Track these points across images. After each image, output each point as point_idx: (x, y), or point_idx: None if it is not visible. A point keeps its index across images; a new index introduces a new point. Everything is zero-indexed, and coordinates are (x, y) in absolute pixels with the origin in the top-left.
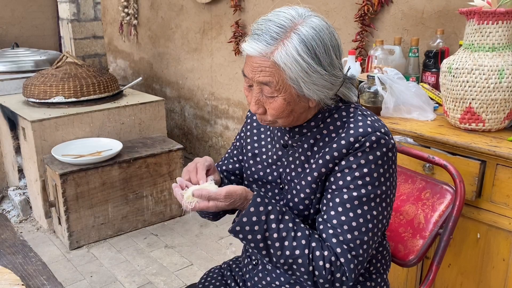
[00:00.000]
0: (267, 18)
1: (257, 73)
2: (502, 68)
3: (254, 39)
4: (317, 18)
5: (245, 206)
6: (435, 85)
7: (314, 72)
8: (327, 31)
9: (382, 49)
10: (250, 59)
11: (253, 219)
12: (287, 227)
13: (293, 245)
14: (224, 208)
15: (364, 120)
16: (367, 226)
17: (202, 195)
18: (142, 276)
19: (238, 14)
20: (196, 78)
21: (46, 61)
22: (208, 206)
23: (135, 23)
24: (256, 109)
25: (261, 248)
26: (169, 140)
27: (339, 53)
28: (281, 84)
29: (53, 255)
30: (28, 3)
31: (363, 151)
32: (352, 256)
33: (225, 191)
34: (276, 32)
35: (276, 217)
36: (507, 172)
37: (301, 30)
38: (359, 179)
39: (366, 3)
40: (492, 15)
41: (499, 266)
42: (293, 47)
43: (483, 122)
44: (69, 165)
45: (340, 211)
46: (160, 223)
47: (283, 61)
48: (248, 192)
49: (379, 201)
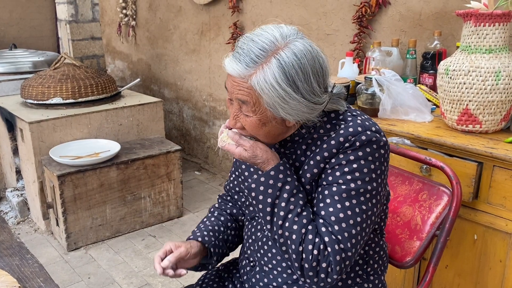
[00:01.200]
0: (250, 37)
1: (236, 90)
2: (499, 70)
3: (235, 58)
4: (301, 41)
5: (267, 168)
6: (433, 86)
7: (292, 99)
8: (310, 56)
9: (379, 51)
10: (231, 76)
11: (269, 181)
12: (296, 203)
13: (294, 220)
14: (247, 159)
15: (354, 120)
16: (355, 219)
17: (234, 137)
18: (140, 278)
19: (236, 16)
20: (194, 79)
21: (44, 62)
22: (234, 151)
23: (133, 24)
24: (233, 124)
25: (267, 212)
26: (167, 141)
27: (324, 78)
28: (258, 106)
29: (51, 257)
30: (26, 4)
31: (353, 149)
32: (340, 248)
33: (253, 143)
34: (257, 55)
35: (291, 189)
36: (504, 173)
37: (282, 56)
38: (349, 174)
39: (364, 4)
40: (489, 17)
41: (496, 267)
42: (271, 73)
43: (480, 123)
44: (67, 166)
45: (328, 203)
46: (158, 225)
47: (260, 87)
48: (272, 156)
49: (369, 196)
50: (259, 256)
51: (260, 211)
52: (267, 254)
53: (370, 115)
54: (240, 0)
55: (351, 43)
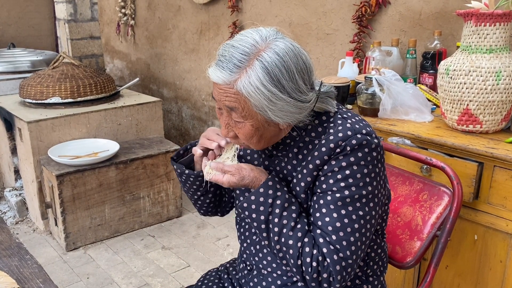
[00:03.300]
0: (230, 44)
1: (223, 97)
2: (499, 70)
3: (218, 66)
4: (282, 41)
5: (256, 185)
6: (433, 86)
7: (279, 100)
8: (292, 53)
9: (379, 51)
10: (216, 84)
11: (260, 199)
12: (290, 217)
13: (289, 234)
14: (236, 183)
15: (344, 123)
16: (352, 226)
17: (218, 167)
18: (139, 278)
19: (236, 15)
20: (193, 78)
21: (42, 62)
22: (223, 180)
23: (132, 24)
24: (226, 133)
25: (263, 229)
26: (166, 141)
27: (309, 75)
28: (247, 111)
29: (50, 257)
30: (24, 3)
31: (345, 155)
32: (340, 257)
33: (236, 166)
34: (239, 59)
35: (282, 203)
36: (504, 173)
37: (264, 57)
38: (342, 181)
39: (364, 4)
40: (489, 17)
41: (497, 267)
42: (255, 76)
43: (481, 123)
44: (66, 166)
45: (324, 212)
46: (157, 224)
47: (246, 90)
48: (259, 173)
49: (365, 201)
50: (257, 260)
51: (255, 228)
52: (266, 257)
53: (370, 115)
54: (239, 0)
55: (351, 42)
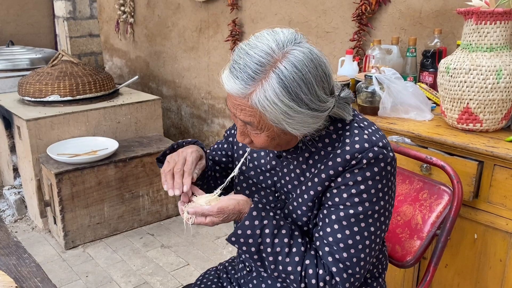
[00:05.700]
0: (245, 50)
1: (238, 111)
2: (500, 68)
3: (232, 75)
4: (299, 50)
5: (242, 217)
6: (433, 85)
7: (297, 113)
8: (312, 64)
9: (379, 49)
10: (231, 95)
11: (247, 232)
12: (282, 243)
13: (286, 261)
14: (220, 223)
15: (361, 134)
16: (363, 243)
17: (197, 212)
18: (138, 276)
19: (235, 13)
20: (192, 77)
21: (41, 59)
22: (206, 222)
23: (132, 21)
24: (242, 140)
25: (256, 260)
26: (165, 139)
27: (328, 82)
28: (263, 124)
29: (48, 255)
30: (23, 1)
31: (360, 168)
32: (348, 274)
33: (217, 208)
34: (254, 70)
35: (271, 231)
36: (505, 172)
37: (281, 69)
38: (356, 196)
39: (364, 2)
40: (490, 15)
41: (496, 266)
42: (272, 90)
43: (481, 122)
44: (65, 164)
45: (336, 229)
46: (156, 223)
47: (262, 105)
48: (243, 205)
49: (377, 216)
50: None
51: (249, 259)
52: None
53: (370, 114)
54: None
55: (351, 41)
